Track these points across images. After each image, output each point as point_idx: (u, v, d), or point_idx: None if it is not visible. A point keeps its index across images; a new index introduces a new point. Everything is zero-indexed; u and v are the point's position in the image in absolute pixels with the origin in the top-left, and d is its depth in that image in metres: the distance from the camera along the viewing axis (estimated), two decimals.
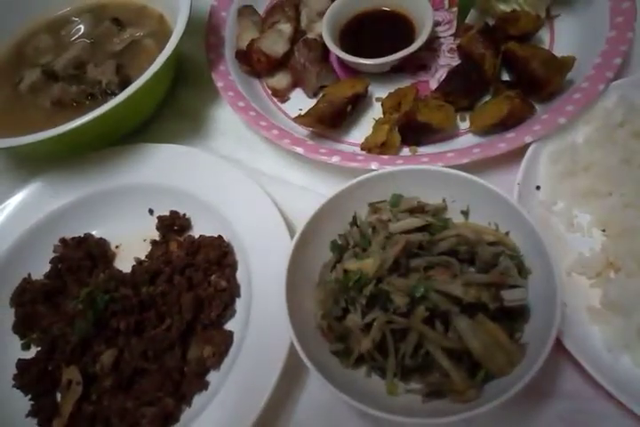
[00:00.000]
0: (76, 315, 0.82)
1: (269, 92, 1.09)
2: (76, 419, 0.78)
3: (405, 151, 0.96)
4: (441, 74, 1.04)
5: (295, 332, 0.68)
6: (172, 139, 1.05)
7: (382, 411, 0.62)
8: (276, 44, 1.05)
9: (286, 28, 1.06)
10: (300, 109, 1.02)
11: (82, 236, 0.96)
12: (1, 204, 0.97)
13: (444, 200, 0.81)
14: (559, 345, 0.71)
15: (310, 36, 1.07)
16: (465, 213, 0.81)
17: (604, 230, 0.82)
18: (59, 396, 0.81)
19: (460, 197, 0.80)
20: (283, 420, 0.78)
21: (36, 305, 0.89)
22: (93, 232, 0.97)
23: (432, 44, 1.07)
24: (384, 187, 0.81)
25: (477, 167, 0.88)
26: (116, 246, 0.97)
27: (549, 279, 0.68)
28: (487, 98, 0.97)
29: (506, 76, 1.00)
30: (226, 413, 0.74)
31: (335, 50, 1.02)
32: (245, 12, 1.13)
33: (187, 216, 0.96)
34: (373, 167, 0.87)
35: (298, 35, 1.08)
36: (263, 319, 0.79)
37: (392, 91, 1.00)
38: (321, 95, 1.00)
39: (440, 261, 0.73)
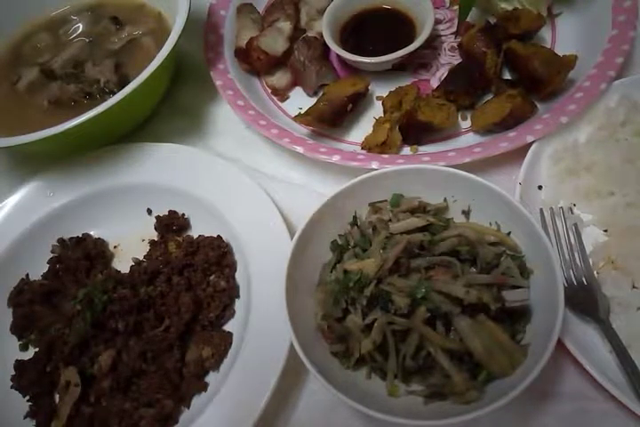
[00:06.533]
0: (74, 315, 0.82)
1: (269, 90, 1.08)
2: (75, 420, 0.77)
3: (406, 150, 0.96)
4: (442, 72, 1.04)
5: (295, 333, 0.68)
6: (171, 138, 1.04)
7: (383, 413, 0.62)
8: (275, 43, 1.04)
9: (286, 26, 1.06)
10: (300, 108, 1.02)
11: (80, 236, 0.95)
12: None
13: (445, 200, 0.81)
14: (560, 345, 0.70)
15: (310, 34, 1.07)
16: (466, 213, 0.81)
17: (605, 230, 0.82)
18: (57, 397, 0.81)
19: (462, 196, 0.80)
20: (282, 421, 0.78)
21: (33, 306, 0.88)
22: (91, 232, 0.97)
23: (433, 43, 1.07)
24: (385, 186, 0.80)
25: (479, 167, 0.88)
26: (115, 247, 0.97)
27: (551, 280, 0.67)
28: (488, 97, 0.97)
29: (507, 75, 0.99)
30: (225, 414, 0.73)
31: (335, 48, 1.01)
32: (244, 9, 1.13)
33: (185, 216, 0.95)
34: (374, 166, 0.87)
35: (297, 33, 1.08)
36: (263, 320, 0.78)
37: (393, 89, 1.00)
38: (321, 94, 0.99)
39: (441, 261, 0.73)
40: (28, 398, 0.82)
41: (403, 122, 0.93)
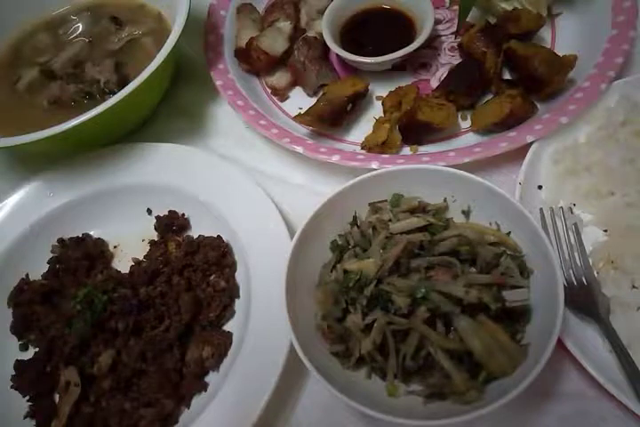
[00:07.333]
0: (73, 315, 0.82)
1: (269, 90, 1.08)
2: (75, 420, 0.77)
3: (406, 150, 0.96)
4: (442, 72, 1.04)
5: (295, 333, 0.68)
6: (171, 138, 1.04)
7: (383, 413, 0.62)
8: (275, 43, 1.04)
9: (286, 26, 1.06)
10: (300, 108, 1.02)
11: (80, 236, 0.95)
12: None
13: (444, 200, 0.81)
14: (560, 345, 0.70)
15: (310, 34, 1.07)
16: (466, 213, 0.81)
17: (605, 230, 0.82)
18: (57, 397, 0.81)
19: (462, 196, 0.80)
20: (282, 421, 0.78)
21: (33, 306, 0.88)
22: (91, 232, 0.97)
23: (433, 43, 1.07)
24: (384, 186, 0.80)
25: (479, 167, 0.88)
26: (115, 247, 0.97)
27: (551, 280, 0.67)
28: (488, 97, 0.97)
29: (507, 75, 0.99)
30: (225, 414, 0.73)
31: (335, 48, 1.01)
32: (244, 9, 1.13)
33: (185, 216, 0.95)
34: (374, 166, 0.87)
35: (297, 33, 1.08)
36: (263, 320, 0.78)
37: (392, 89, 1.00)
38: (321, 94, 0.99)
39: (441, 261, 0.73)
40: (28, 398, 0.82)
41: (403, 122, 0.93)
